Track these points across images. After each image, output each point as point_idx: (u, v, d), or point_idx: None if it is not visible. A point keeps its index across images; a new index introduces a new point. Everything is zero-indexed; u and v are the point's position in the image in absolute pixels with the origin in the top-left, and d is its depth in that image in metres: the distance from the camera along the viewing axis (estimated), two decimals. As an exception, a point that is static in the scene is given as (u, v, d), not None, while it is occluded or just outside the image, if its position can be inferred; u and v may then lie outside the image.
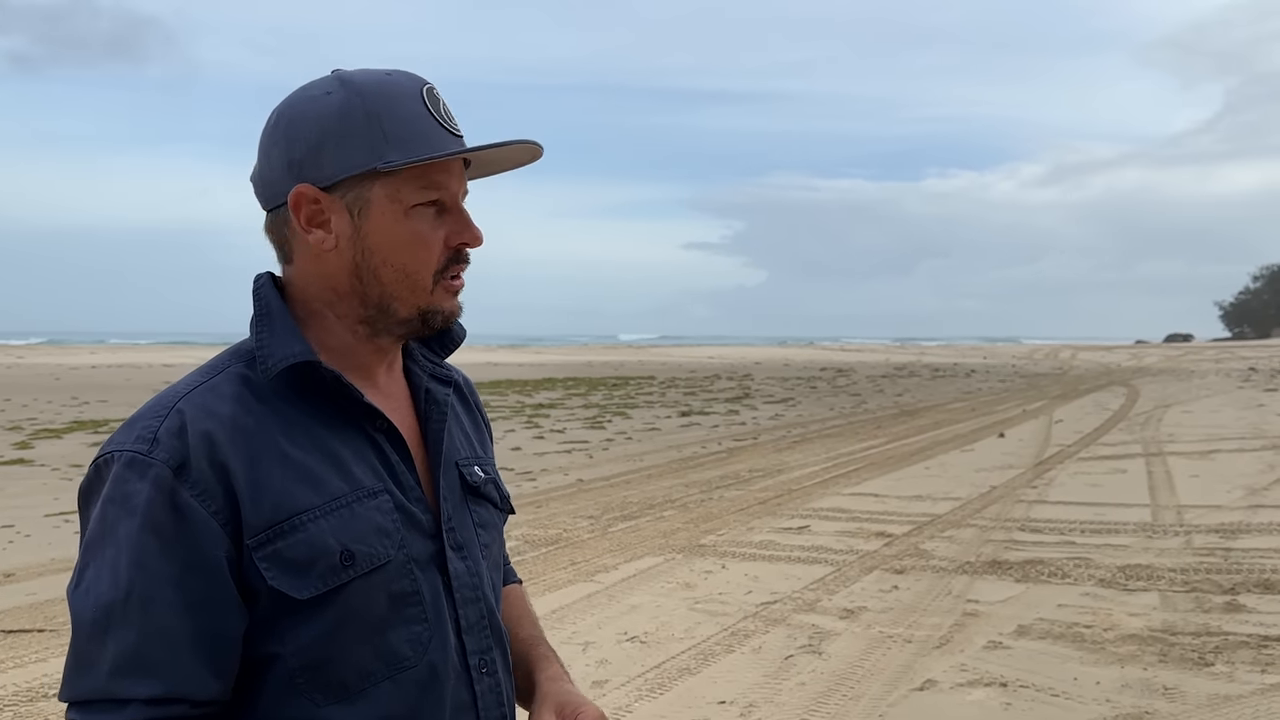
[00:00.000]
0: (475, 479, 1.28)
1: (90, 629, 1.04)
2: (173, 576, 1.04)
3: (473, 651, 1.21)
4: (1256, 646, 4.98)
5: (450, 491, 1.23)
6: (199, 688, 1.05)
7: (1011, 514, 8.59)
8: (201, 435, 1.07)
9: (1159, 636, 5.18)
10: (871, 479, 10.67)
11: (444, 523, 1.20)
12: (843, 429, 16.24)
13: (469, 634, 1.21)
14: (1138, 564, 6.67)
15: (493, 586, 1.28)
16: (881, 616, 5.64)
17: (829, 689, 4.54)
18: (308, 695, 1.11)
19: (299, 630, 1.09)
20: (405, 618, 1.14)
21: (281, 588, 1.07)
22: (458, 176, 1.19)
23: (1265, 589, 6.00)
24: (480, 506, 1.29)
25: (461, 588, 1.21)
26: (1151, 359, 47.49)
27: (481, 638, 1.23)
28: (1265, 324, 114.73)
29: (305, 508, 1.09)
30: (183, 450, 1.06)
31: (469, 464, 1.29)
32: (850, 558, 7.03)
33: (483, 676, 1.22)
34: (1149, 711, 4.23)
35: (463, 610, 1.20)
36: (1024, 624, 5.43)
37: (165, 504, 1.05)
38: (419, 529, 1.18)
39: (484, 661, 1.22)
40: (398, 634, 1.14)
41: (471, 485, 1.27)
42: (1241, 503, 8.82)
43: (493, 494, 1.31)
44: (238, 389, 1.13)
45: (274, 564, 1.07)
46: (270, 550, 1.07)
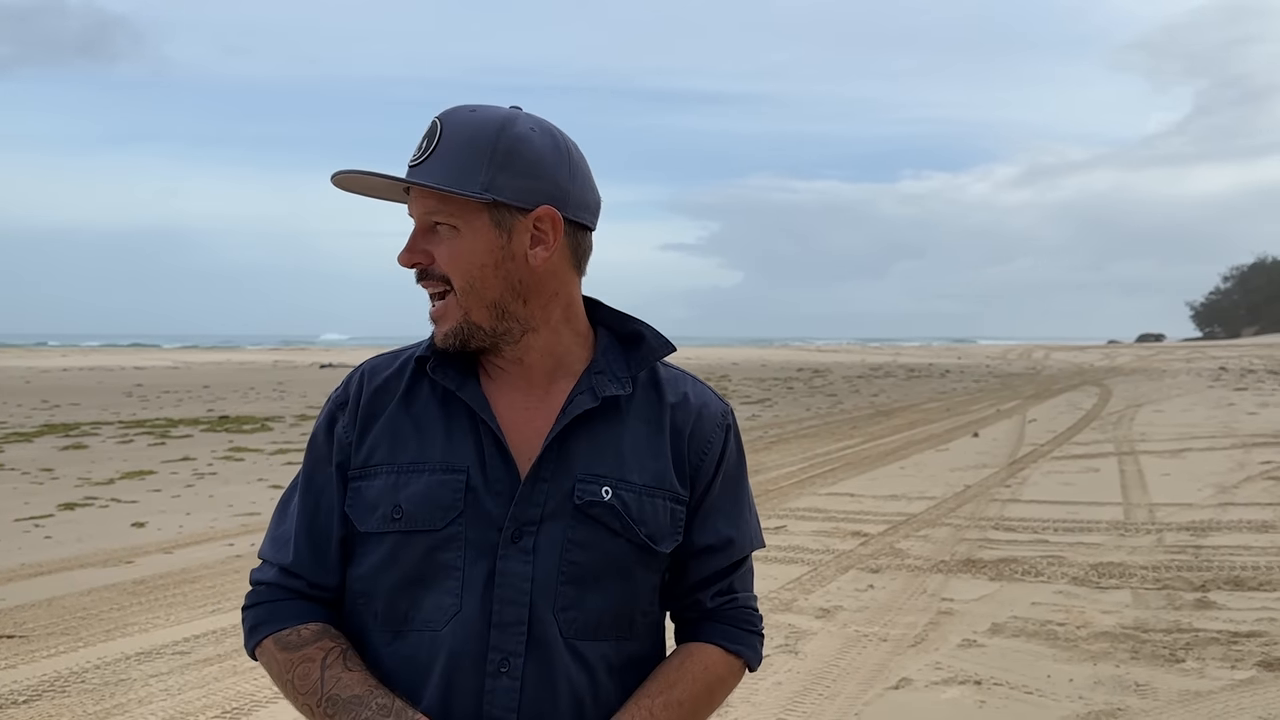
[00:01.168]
0: (584, 497, 1.27)
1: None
2: (305, 480, 1.36)
3: (494, 647, 1.24)
4: (1226, 643, 5.04)
5: (549, 498, 1.27)
6: (312, 571, 1.33)
7: (985, 513, 8.64)
8: (361, 386, 1.35)
9: (1131, 633, 5.22)
10: (847, 479, 10.72)
11: (510, 521, 1.26)
12: (819, 429, 16.30)
13: (497, 629, 1.25)
14: (1110, 562, 6.73)
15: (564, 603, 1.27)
16: (857, 616, 5.66)
17: (805, 688, 4.55)
18: (364, 617, 1.31)
19: (361, 558, 1.31)
20: (442, 586, 1.26)
21: (351, 516, 1.31)
22: (412, 201, 1.30)
23: (1235, 586, 6.07)
24: (584, 525, 1.27)
25: (506, 585, 1.25)
26: (1124, 359, 47.93)
27: (511, 639, 1.25)
28: (1235, 324, 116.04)
29: (381, 461, 1.30)
30: (347, 393, 1.36)
31: (594, 481, 1.28)
32: (826, 557, 7.06)
33: (499, 675, 1.25)
34: (1121, 708, 4.27)
35: (499, 606, 1.25)
36: (998, 622, 5.47)
37: (324, 426, 1.37)
38: (486, 518, 1.26)
39: (505, 661, 1.24)
40: (432, 597, 1.26)
41: (577, 501, 1.27)
42: (1212, 501, 8.92)
43: (606, 517, 1.28)
44: (406, 361, 1.36)
45: (354, 496, 1.31)
46: (356, 485, 1.31)
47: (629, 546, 1.29)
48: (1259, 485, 9.69)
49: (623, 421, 1.32)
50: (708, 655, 1.36)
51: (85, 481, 10.59)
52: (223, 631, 5.37)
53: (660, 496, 1.31)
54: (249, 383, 28.75)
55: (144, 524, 8.38)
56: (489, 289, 1.28)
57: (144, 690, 4.53)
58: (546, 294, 1.31)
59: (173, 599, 6.04)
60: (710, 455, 1.37)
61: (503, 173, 1.25)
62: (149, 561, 7.04)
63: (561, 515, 1.27)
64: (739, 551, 1.40)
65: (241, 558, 7.14)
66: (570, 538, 1.27)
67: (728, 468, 1.39)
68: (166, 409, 19.62)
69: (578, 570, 1.27)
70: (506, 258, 1.27)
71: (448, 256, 1.27)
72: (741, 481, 1.43)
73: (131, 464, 11.87)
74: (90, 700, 4.41)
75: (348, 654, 1.28)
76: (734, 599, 1.41)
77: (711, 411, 1.39)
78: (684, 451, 1.35)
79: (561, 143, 1.31)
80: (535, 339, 1.32)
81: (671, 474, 1.33)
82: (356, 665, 1.27)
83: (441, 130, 1.27)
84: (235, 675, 4.72)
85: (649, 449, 1.32)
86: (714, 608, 1.40)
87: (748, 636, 1.40)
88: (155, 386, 26.28)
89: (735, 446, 1.41)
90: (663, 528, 1.31)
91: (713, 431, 1.38)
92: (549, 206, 1.28)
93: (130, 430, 15.51)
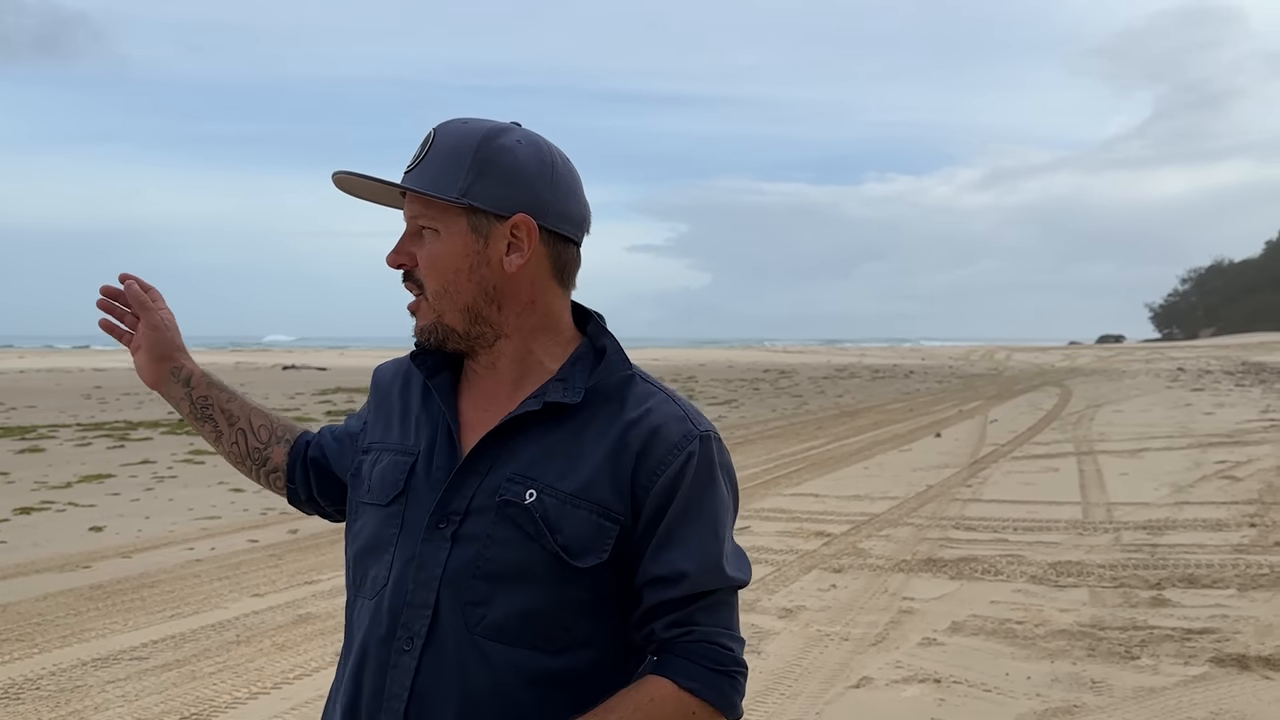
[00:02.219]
0: (504, 495, 1.29)
1: None
2: (354, 414, 1.58)
3: (404, 625, 1.29)
4: (1180, 639, 5.12)
5: (480, 493, 1.31)
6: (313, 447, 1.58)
7: (947, 512, 8.73)
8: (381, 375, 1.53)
9: (1088, 631, 5.30)
10: (812, 479, 10.78)
11: (436, 505, 1.31)
12: (784, 430, 16.38)
13: (408, 609, 1.29)
14: (1068, 560, 6.82)
15: (475, 597, 1.27)
16: (819, 615, 5.70)
17: (767, 688, 4.58)
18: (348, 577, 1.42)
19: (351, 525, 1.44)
20: (381, 560, 1.34)
21: (350, 485, 1.47)
22: (405, 206, 1.36)
23: (1189, 583, 6.17)
24: (504, 524, 1.28)
25: (422, 568, 1.30)
26: (1084, 359, 48.57)
27: (417, 620, 1.29)
28: (1193, 325, 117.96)
29: (374, 440, 1.45)
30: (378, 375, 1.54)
31: (522, 483, 1.29)
32: (790, 557, 7.10)
33: (403, 653, 1.29)
34: (1077, 704, 4.33)
35: (414, 586, 1.30)
36: (958, 620, 5.53)
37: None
38: (420, 500, 1.33)
39: (409, 640, 1.29)
40: (375, 569, 1.35)
41: (499, 499, 1.29)
42: (1168, 500, 9.06)
43: (521, 520, 1.27)
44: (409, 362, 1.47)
45: (355, 470, 1.46)
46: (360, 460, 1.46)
47: (542, 553, 1.27)
48: (1214, 484, 9.86)
49: (572, 431, 1.31)
50: (656, 687, 1.27)
51: (42, 485, 10.43)
52: (182, 636, 5.32)
53: (585, 508, 1.27)
54: (211, 384, 28.38)
55: (102, 528, 8.27)
56: (462, 293, 1.31)
57: (100, 697, 4.47)
58: (521, 301, 1.33)
59: (131, 604, 5.97)
60: (663, 478, 1.29)
61: (481, 179, 1.29)
62: (107, 566, 6.95)
63: (486, 511, 1.29)
64: (696, 585, 1.29)
65: (202, 562, 7.07)
66: (490, 534, 1.28)
67: (687, 494, 1.30)
68: (126, 411, 19.35)
69: (491, 567, 1.27)
70: (481, 263, 1.31)
71: (427, 259, 1.32)
72: (706, 510, 1.31)
73: (90, 467, 11.70)
74: (45, 707, 4.35)
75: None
76: (691, 631, 1.30)
77: (670, 433, 1.31)
78: (631, 469, 1.29)
79: (547, 156, 1.33)
80: (507, 345, 1.35)
81: (607, 488, 1.28)
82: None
83: (434, 139, 1.33)
84: (194, 681, 4.67)
85: (588, 459, 1.30)
86: (668, 639, 1.30)
87: (706, 673, 1.28)
88: (115, 389, 25.91)
89: (700, 473, 1.31)
90: (583, 540, 1.27)
91: (668, 454, 1.30)
92: (525, 215, 1.31)
93: (89, 433, 15.29)
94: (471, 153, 1.30)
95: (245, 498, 9.74)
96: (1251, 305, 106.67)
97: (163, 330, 1.57)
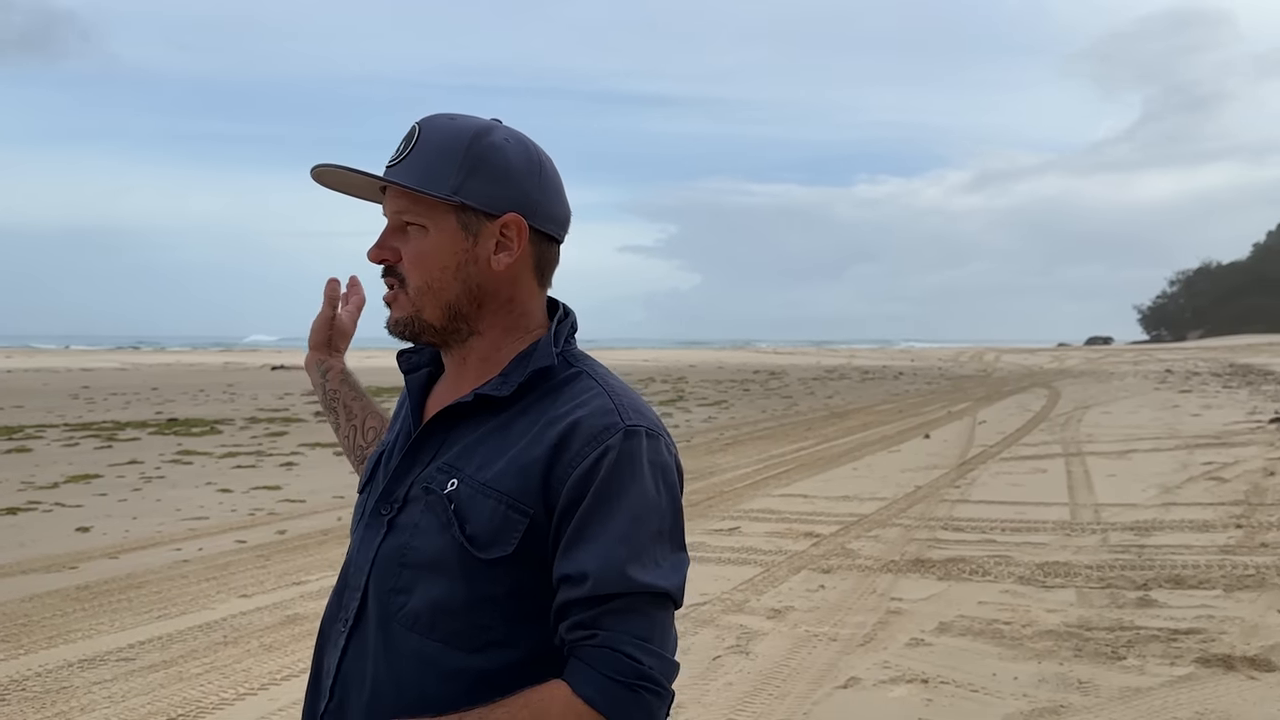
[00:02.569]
0: (426, 483, 1.32)
1: None
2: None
3: (343, 605, 1.36)
4: (1166, 640, 5.15)
5: (415, 483, 1.33)
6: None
7: (935, 513, 8.75)
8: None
9: (1075, 632, 5.32)
10: (801, 480, 10.80)
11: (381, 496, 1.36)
12: (774, 431, 16.40)
13: (348, 591, 1.36)
14: (1056, 561, 6.85)
15: (398, 585, 1.29)
16: (808, 616, 5.71)
17: (755, 688, 4.59)
18: None
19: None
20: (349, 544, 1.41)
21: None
22: (387, 201, 1.35)
23: (1175, 584, 6.20)
24: (426, 512, 1.30)
25: (360, 552, 1.36)
26: (1073, 361, 48.76)
27: (350, 603, 1.34)
28: (1181, 327, 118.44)
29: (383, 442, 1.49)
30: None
31: (449, 472, 1.30)
32: (779, 558, 7.11)
33: (340, 633, 1.34)
34: (1064, 705, 4.35)
35: (353, 570, 1.36)
36: (945, 621, 5.55)
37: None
38: (376, 490, 1.39)
39: (344, 622, 1.34)
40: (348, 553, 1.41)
41: (423, 486, 1.32)
42: (1155, 501, 9.10)
43: (436, 508, 1.27)
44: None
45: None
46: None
47: (453, 543, 1.25)
48: (1201, 486, 9.90)
49: (503, 423, 1.30)
50: (550, 690, 1.21)
51: (29, 485, 10.38)
52: (169, 637, 5.30)
53: (495, 498, 1.25)
54: (198, 384, 28.34)
55: (89, 528, 8.24)
56: (446, 290, 1.31)
57: (86, 698, 4.46)
58: (500, 299, 1.34)
59: (117, 605, 5.94)
60: (575, 473, 1.23)
61: (472, 177, 1.29)
62: (94, 566, 6.93)
63: (417, 499, 1.32)
64: (598, 587, 1.21)
65: (189, 562, 7.04)
66: (417, 523, 1.30)
67: (600, 491, 1.23)
68: (114, 411, 19.28)
69: (413, 556, 1.29)
70: (469, 261, 1.31)
71: (413, 255, 1.31)
72: (620, 509, 1.23)
73: (77, 467, 11.65)
74: (31, 709, 4.33)
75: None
76: (594, 635, 1.22)
77: (588, 426, 1.25)
78: (551, 463, 1.24)
79: (534, 155, 1.34)
80: (478, 342, 1.36)
81: (519, 479, 1.25)
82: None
83: (419, 134, 1.31)
84: (181, 682, 4.66)
85: (507, 451, 1.27)
86: (571, 641, 1.23)
87: (604, 681, 1.19)
88: (102, 388, 25.81)
89: (619, 469, 1.23)
90: (488, 532, 1.24)
91: (583, 447, 1.24)
92: (515, 214, 1.31)
93: (76, 433, 15.23)
94: (463, 150, 1.29)
95: (233, 498, 9.72)
96: (1239, 307, 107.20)
97: (332, 328, 1.79)
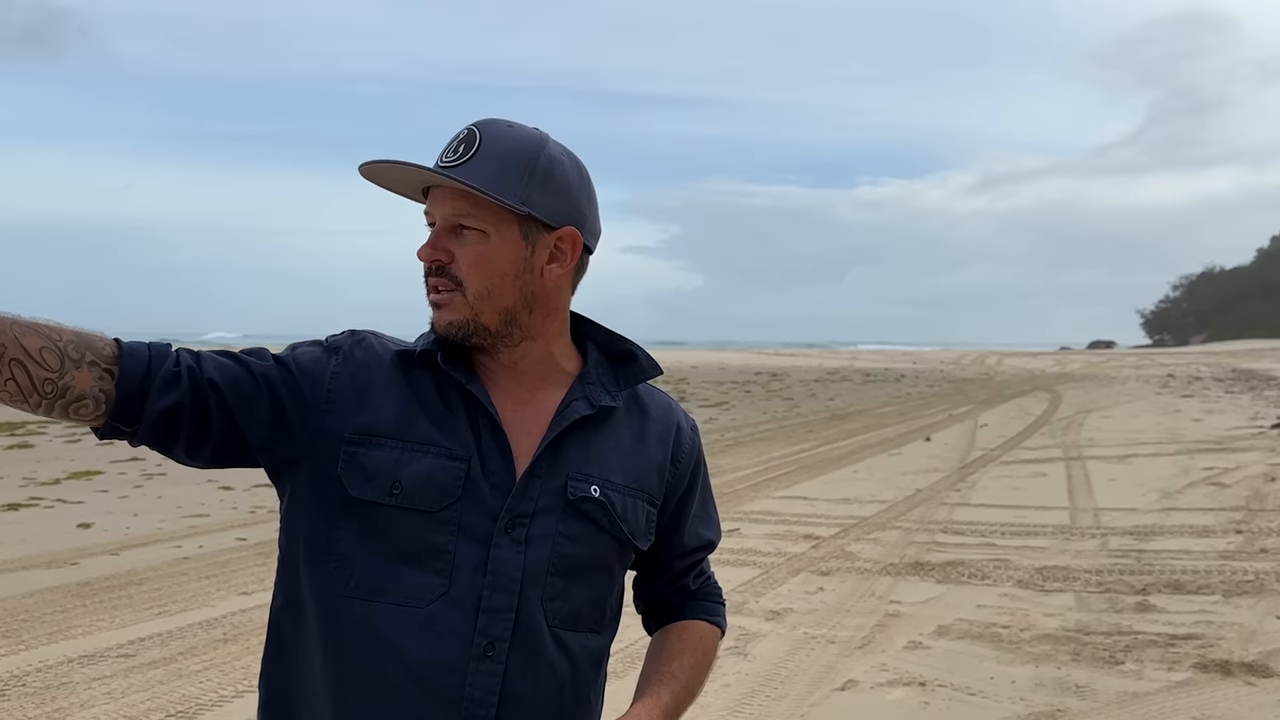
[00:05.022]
0: (576, 494, 1.36)
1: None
2: (280, 355, 1.36)
3: (481, 631, 1.30)
4: (1164, 645, 5.15)
5: (543, 494, 1.35)
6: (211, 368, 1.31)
7: (935, 516, 8.76)
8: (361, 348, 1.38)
9: (1073, 636, 5.33)
10: (801, 482, 10.81)
11: (505, 513, 1.32)
12: (775, 433, 16.41)
13: (485, 614, 1.30)
14: (1055, 565, 6.85)
15: (552, 593, 1.34)
16: (806, 618, 5.72)
17: (753, 690, 4.59)
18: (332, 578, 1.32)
19: (347, 521, 1.32)
20: (430, 567, 1.30)
21: (344, 479, 1.31)
22: (437, 201, 1.35)
23: (1174, 589, 6.21)
24: (575, 520, 1.36)
25: (497, 573, 1.31)
26: (1075, 365, 48.70)
27: (498, 624, 1.31)
28: (1184, 331, 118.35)
29: (385, 434, 1.32)
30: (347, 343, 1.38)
31: (585, 480, 1.37)
32: (778, 560, 7.12)
33: (484, 658, 1.30)
34: (1061, 709, 4.36)
35: (489, 592, 1.30)
36: (943, 624, 5.55)
37: (312, 348, 1.38)
38: (481, 507, 1.32)
39: (491, 646, 1.30)
40: (416, 575, 1.30)
41: (569, 497, 1.36)
42: (1155, 505, 9.10)
43: (595, 514, 1.37)
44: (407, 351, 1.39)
45: (350, 460, 1.32)
46: (353, 449, 1.32)
47: (613, 542, 1.39)
48: (1201, 491, 9.90)
49: (610, 429, 1.43)
50: (699, 627, 1.55)
51: (30, 481, 10.41)
52: (169, 634, 5.32)
53: (639, 498, 1.42)
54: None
55: (90, 525, 8.26)
56: (504, 296, 1.34)
57: (86, 694, 4.47)
58: (549, 307, 1.39)
59: (118, 601, 5.96)
60: (686, 464, 1.51)
61: (539, 190, 1.33)
62: (94, 563, 6.94)
63: (554, 510, 1.35)
64: (715, 548, 1.60)
65: (189, 559, 7.06)
66: (561, 531, 1.35)
67: (703, 477, 1.55)
68: (116, 408, 19.29)
69: (566, 563, 1.35)
70: (526, 269, 1.35)
71: (473, 259, 1.32)
72: (709, 486, 1.59)
73: (79, 464, 11.68)
74: (31, 704, 4.34)
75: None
76: (708, 578, 1.62)
77: (687, 426, 1.53)
78: (664, 461, 1.47)
79: (584, 170, 1.41)
80: (532, 347, 1.40)
81: (652, 479, 1.45)
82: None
83: (481, 139, 1.32)
84: (181, 679, 4.67)
85: (631, 455, 1.43)
86: (695, 589, 1.59)
87: (719, 607, 1.60)
88: (105, 385, 25.83)
89: (703, 456, 1.56)
90: (640, 527, 1.43)
91: (690, 444, 1.52)
92: (572, 228, 1.37)
93: (78, 429, 15.25)
94: (532, 161, 1.33)
95: (234, 496, 9.73)
96: (1242, 312, 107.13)
97: None
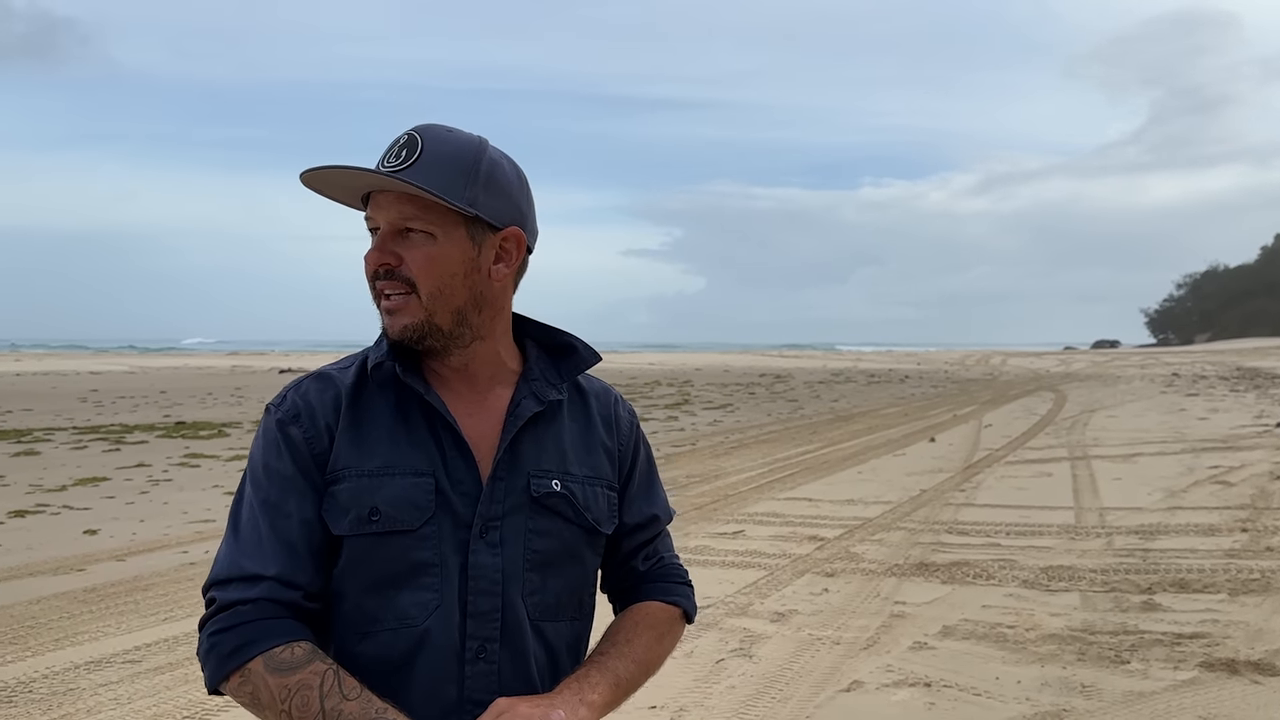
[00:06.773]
0: (539, 490, 1.39)
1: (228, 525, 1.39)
2: (276, 495, 1.35)
3: (472, 635, 1.34)
4: (1170, 644, 5.15)
5: (508, 494, 1.37)
6: (310, 579, 1.33)
7: (940, 517, 8.75)
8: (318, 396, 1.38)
9: (1078, 636, 5.32)
10: (806, 483, 10.80)
11: (477, 519, 1.35)
12: (779, 434, 16.39)
13: (473, 619, 1.34)
14: (1060, 565, 6.84)
15: (530, 588, 1.38)
16: (811, 619, 5.72)
17: (758, 691, 4.60)
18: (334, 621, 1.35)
19: (335, 559, 1.34)
20: (419, 584, 1.32)
21: (327, 519, 1.33)
22: (380, 206, 1.36)
23: (1180, 588, 6.20)
24: (541, 515, 1.39)
25: (479, 577, 1.34)
26: (1079, 365, 48.63)
27: (486, 626, 1.34)
28: (1188, 330, 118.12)
29: (346, 465, 1.34)
30: (298, 406, 1.37)
31: (545, 475, 1.41)
32: (783, 561, 7.12)
33: (477, 660, 1.34)
34: (1067, 709, 4.35)
35: (474, 597, 1.34)
36: (949, 625, 5.55)
37: (278, 441, 1.36)
38: (454, 516, 1.34)
39: (482, 648, 1.34)
40: (409, 595, 1.32)
41: (533, 495, 1.39)
42: (1161, 505, 9.09)
43: (560, 507, 1.41)
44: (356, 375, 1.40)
45: (330, 500, 1.34)
46: (331, 490, 1.34)
47: (580, 531, 1.43)
48: (1206, 490, 9.88)
49: (559, 422, 1.46)
50: (649, 608, 1.54)
51: (37, 488, 10.43)
52: (175, 640, 5.33)
53: (598, 485, 1.47)
54: (206, 388, 28.42)
55: (96, 531, 8.27)
56: (455, 296, 1.36)
57: (93, 700, 4.48)
58: (496, 307, 1.42)
59: (124, 607, 5.97)
60: (629, 446, 1.55)
61: (484, 191, 1.36)
62: (101, 569, 6.96)
63: (521, 509, 1.38)
64: (660, 525, 1.61)
65: (195, 565, 7.07)
66: (530, 528, 1.38)
67: (643, 455, 1.59)
68: (122, 415, 19.35)
69: (539, 557, 1.38)
70: (474, 270, 1.37)
71: (423, 260, 1.34)
72: (653, 465, 1.63)
73: (85, 470, 11.70)
74: (38, 710, 4.36)
75: (341, 678, 1.25)
76: (660, 560, 1.61)
77: (624, 409, 1.57)
78: (611, 445, 1.52)
79: (522, 174, 1.44)
80: (481, 347, 1.42)
81: (605, 465, 1.50)
82: (354, 693, 1.23)
83: (423, 143, 1.34)
84: (187, 684, 4.68)
85: (584, 444, 1.48)
86: (645, 570, 1.59)
87: (678, 588, 1.59)
88: (111, 392, 25.89)
89: (642, 430, 1.62)
90: (603, 512, 1.46)
91: (629, 426, 1.56)
92: (516, 228, 1.40)
93: (85, 436, 15.28)
94: (475, 164, 1.35)
95: (240, 501, 9.73)
96: (1247, 310, 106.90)
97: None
